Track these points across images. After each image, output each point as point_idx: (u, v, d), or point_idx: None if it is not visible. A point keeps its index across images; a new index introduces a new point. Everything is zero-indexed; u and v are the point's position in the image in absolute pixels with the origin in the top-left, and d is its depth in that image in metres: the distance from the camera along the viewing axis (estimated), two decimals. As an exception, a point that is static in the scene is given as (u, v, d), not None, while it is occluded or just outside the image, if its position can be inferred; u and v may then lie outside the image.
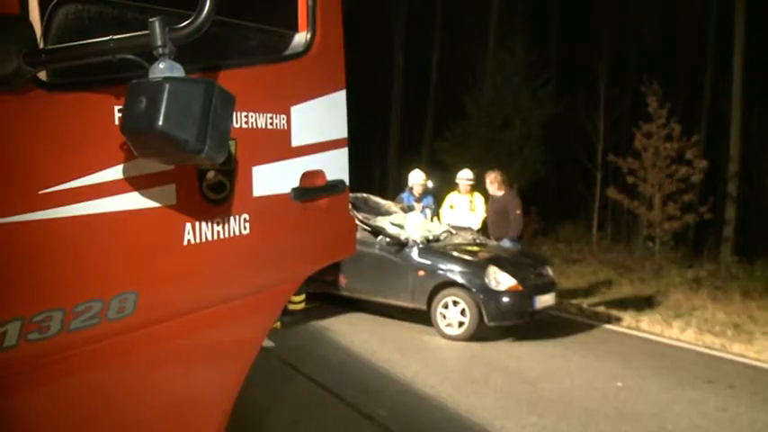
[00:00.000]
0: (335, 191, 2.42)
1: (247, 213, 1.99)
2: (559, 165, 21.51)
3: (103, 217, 1.60)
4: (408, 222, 8.18)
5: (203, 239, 1.84)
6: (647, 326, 8.48)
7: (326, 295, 8.36)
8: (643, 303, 9.74)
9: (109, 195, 1.60)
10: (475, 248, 8.07)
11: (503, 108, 19.00)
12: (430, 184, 9.91)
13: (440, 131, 21.14)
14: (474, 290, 7.19)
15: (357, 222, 7.93)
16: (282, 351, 6.28)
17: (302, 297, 7.54)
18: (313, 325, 7.66)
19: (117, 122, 1.60)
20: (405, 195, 9.61)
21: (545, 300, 7.49)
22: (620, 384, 5.94)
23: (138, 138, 1.45)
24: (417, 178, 9.53)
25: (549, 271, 8.17)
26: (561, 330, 7.90)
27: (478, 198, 9.34)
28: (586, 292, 10.65)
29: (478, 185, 9.58)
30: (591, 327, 8.38)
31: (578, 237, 18.08)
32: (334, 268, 7.91)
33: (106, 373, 1.72)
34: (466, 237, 8.44)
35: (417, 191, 9.50)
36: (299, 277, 2.47)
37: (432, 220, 9.13)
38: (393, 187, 19.72)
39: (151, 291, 1.71)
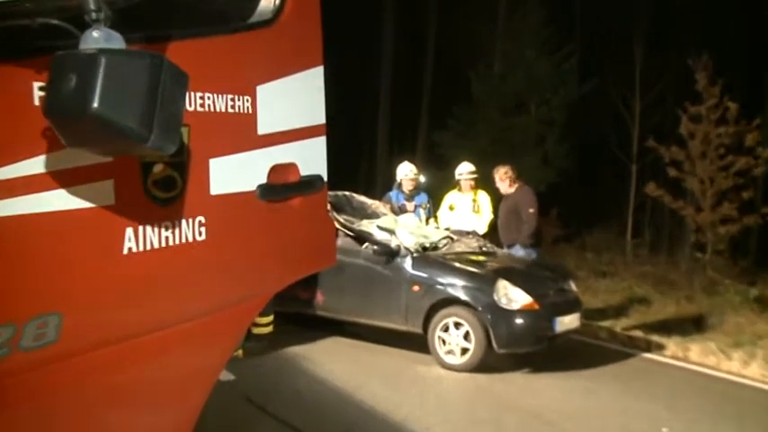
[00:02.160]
0: (311, 188, 2.43)
1: (203, 215, 2.00)
2: (586, 157, 21.60)
3: (19, 220, 1.58)
4: (400, 226, 8.19)
5: (148, 247, 1.84)
6: (697, 356, 8.46)
7: (300, 316, 8.34)
8: (692, 328, 9.73)
9: (26, 194, 1.59)
10: (481, 258, 8.09)
11: (516, 86, 19.07)
12: (422, 178, 9.92)
13: (438, 118, 21.19)
14: (480, 309, 7.21)
15: (338, 226, 7.94)
16: (245, 385, 6.27)
17: (270, 318, 7.52)
18: (283, 353, 7.65)
19: (37, 103, 1.59)
20: (393, 194, 9.63)
21: (568, 321, 7.52)
22: (664, 430, 5.94)
23: (67, 123, 1.44)
24: (406, 171, 9.55)
25: (573, 286, 8.21)
26: (589, 360, 7.93)
27: (483, 197, 9.37)
28: (619, 313, 10.69)
29: (483, 182, 9.60)
30: (626, 356, 8.41)
31: (609, 244, 18.19)
32: (310, 283, 7.90)
33: (18, 417, 1.70)
34: (470, 244, 8.47)
35: (407, 186, 9.52)
36: (267, 293, 2.48)
37: (427, 222, 9.14)
38: (382, 184, 19.75)
39: (79, 312, 1.70)
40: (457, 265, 7.69)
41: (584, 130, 20.22)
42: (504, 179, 8.92)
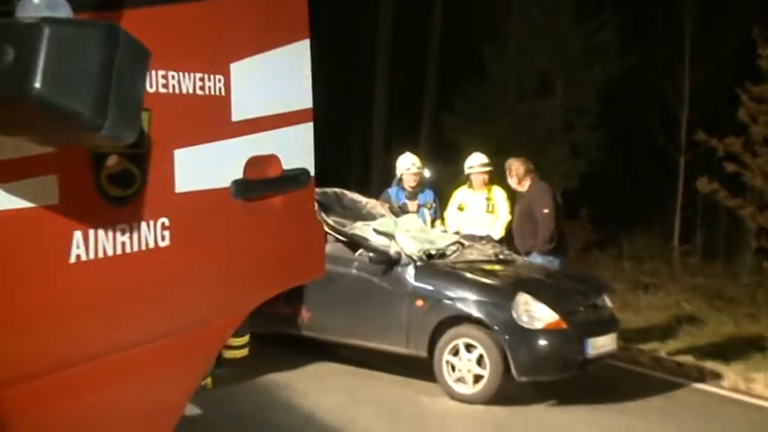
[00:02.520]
0: (295, 184, 2.43)
1: (166, 217, 2.00)
2: (623, 147, 21.56)
3: None
4: (400, 230, 8.19)
5: (100, 255, 1.84)
6: (762, 388, 8.40)
7: (281, 337, 8.36)
8: (755, 353, 9.65)
9: None
10: (497, 267, 8.12)
11: (539, 63, 19.05)
12: (427, 173, 9.93)
13: (446, 100, 21.17)
14: (496, 328, 7.21)
15: (326, 230, 7.94)
16: (214, 421, 6.27)
17: (245, 340, 7.53)
18: (260, 381, 7.65)
19: None
20: (392, 191, 9.65)
21: (602, 344, 7.53)
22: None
23: (1, 107, 1.45)
24: (407, 163, 9.57)
25: (608, 301, 8.22)
26: (627, 391, 7.94)
27: (499, 194, 9.39)
28: (665, 334, 10.69)
29: (498, 177, 9.60)
30: (673, 386, 8.41)
31: (652, 252, 18.14)
32: (293, 297, 7.90)
33: None
34: (483, 250, 8.48)
35: (409, 182, 9.53)
36: (242, 310, 2.48)
37: (433, 225, 9.15)
38: (379, 180, 19.75)
39: (12, 335, 1.69)
40: (468, 275, 7.70)
41: (620, 115, 20.16)
42: (512, 175, 8.94)
